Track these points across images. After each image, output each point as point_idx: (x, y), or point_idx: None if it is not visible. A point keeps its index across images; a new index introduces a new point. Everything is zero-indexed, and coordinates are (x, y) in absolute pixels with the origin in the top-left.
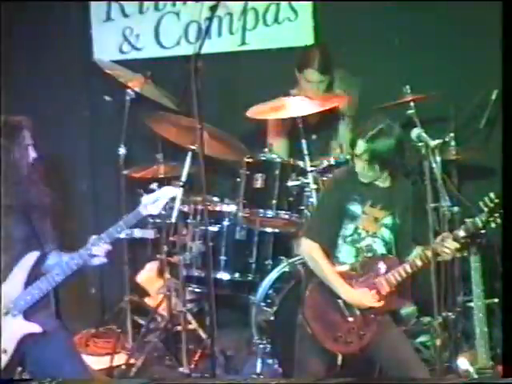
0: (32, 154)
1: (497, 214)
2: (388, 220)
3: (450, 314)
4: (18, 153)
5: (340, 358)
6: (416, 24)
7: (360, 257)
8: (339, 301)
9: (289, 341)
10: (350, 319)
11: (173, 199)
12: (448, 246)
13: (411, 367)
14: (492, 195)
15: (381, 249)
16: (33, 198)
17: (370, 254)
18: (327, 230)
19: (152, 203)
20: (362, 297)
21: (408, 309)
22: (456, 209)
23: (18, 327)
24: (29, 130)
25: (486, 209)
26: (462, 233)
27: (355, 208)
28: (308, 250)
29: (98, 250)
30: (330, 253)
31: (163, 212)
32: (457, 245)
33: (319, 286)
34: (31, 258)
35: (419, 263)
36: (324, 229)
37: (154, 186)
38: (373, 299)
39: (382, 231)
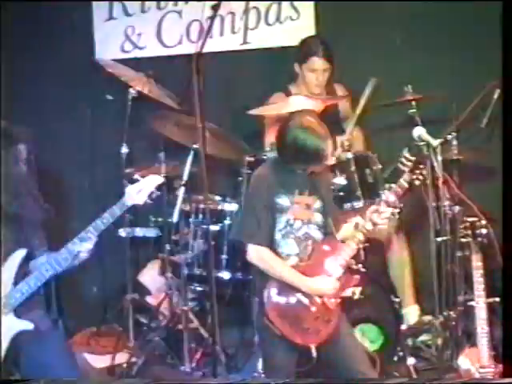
0: (24, 168)
1: (418, 171)
2: (317, 204)
3: (451, 312)
4: (14, 166)
5: (314, 350)
6: (417, 23)
7: (301, 247)
8: (298, 294)
9: None
10: (313, 309)
11: (158, 188)
12: (383, 214)
13: (361, 366)
14: (406, 154)
15: (317, 234)
16: (25, 208)
17: (309, 242)
18: (265, 229)
19: (136, 193)
20: (320, 284)
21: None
22: (457, 208)
23: (10, 325)
24: (26, 144)
25: (406, 169)
26: (391, 197)
27: (283, 200)
28: (256, 254)
29: (85, 244)
30: (273, 250)
31: (148, 201)
32: (390, 210)
33: (275, 285)
34: (19, 255)
35: (362, 238)
36: (262, 229)
37: (137, 175)
38: (331, 283)
39: (314, 216)
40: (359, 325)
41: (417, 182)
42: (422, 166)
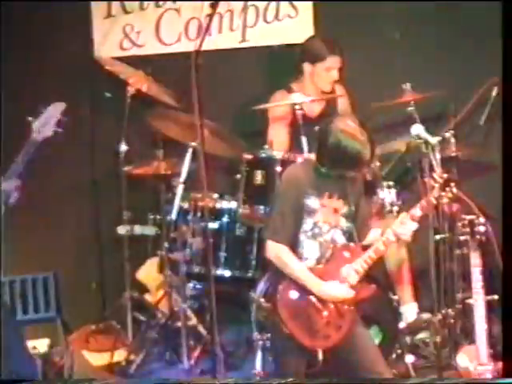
0: None
1: (448, 189)
2: (345, 209)
3: (449, 310)
4: None
5: (320, 353)
6: (416, 20)
7: (323, 250)
8: (311, 296)
9: None
10: (325, 313)
11: (62, 113)
12: (407, 227)
13: (377, 367)
14: (438, 171)
15: (341, 239)
16: None
17: (331, 246)
18: (289, 228)
19: (43, 126)
20: (334, 289)
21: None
22: (455, 205)
23: None
24: None
25: (436, 185)
26: (418, 212)
27: (312, 202)
28: (275, 252)
29: (8, 185)
30: (295, 250)
31: (59, 130)
32: (415, 224)
33: (290, 285)
34: None
35: (382, 248)
36: (286, 228)
37: (40, 108)
38: (344, 290)
39: (340, 221)
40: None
41: (445, 200)
42: (452, 184)
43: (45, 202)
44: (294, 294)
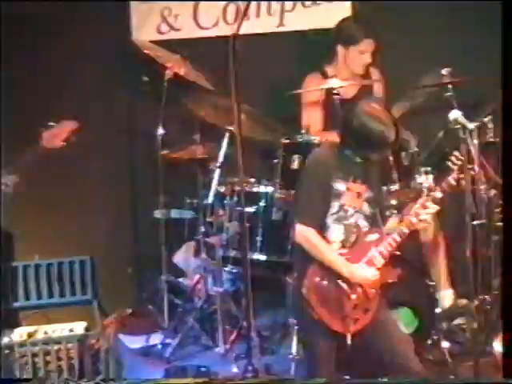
0: None
1: (467, 171)
2: (368, 194)
3: (486, 297)
4: None
5: (349, 337)
6: (457, 4)
7: (348, 233)
8: (339, 280)
9: None
10: (353, 296)
11: (72, 131)
12: (429, 211)
13: (404, 355)
14: (457, 153)
15: (363, 223)
16: None
17: (355, 230)
18: (317, 211)
19: (54, 137)
20: (362, 271)
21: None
22: (493, 191)
23: None
24: None
25: (454, 167)
26: (439, 194)
27: (339, 185)
28: (304, 235)
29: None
30: (322, 233)
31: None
32: (436, 207)
33: (317, 269)
34: None
35: (406, 231)
36: (314, 211)
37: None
38: (373, 272)
39: (363, 206)
40: (394, 308)
41: (463, 182)
42: (470, 166)
43: (83, 187)
44: (322, 279)
